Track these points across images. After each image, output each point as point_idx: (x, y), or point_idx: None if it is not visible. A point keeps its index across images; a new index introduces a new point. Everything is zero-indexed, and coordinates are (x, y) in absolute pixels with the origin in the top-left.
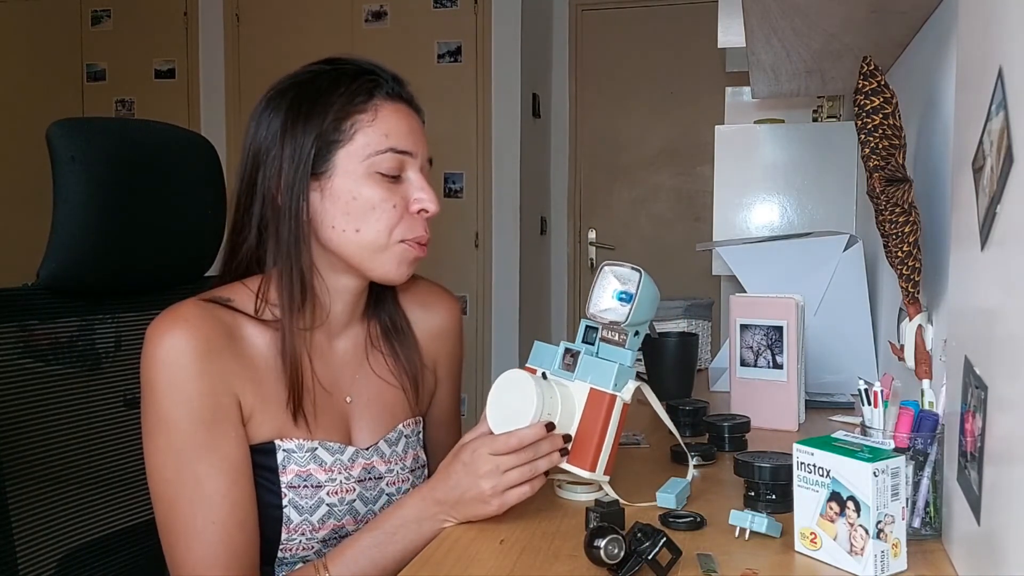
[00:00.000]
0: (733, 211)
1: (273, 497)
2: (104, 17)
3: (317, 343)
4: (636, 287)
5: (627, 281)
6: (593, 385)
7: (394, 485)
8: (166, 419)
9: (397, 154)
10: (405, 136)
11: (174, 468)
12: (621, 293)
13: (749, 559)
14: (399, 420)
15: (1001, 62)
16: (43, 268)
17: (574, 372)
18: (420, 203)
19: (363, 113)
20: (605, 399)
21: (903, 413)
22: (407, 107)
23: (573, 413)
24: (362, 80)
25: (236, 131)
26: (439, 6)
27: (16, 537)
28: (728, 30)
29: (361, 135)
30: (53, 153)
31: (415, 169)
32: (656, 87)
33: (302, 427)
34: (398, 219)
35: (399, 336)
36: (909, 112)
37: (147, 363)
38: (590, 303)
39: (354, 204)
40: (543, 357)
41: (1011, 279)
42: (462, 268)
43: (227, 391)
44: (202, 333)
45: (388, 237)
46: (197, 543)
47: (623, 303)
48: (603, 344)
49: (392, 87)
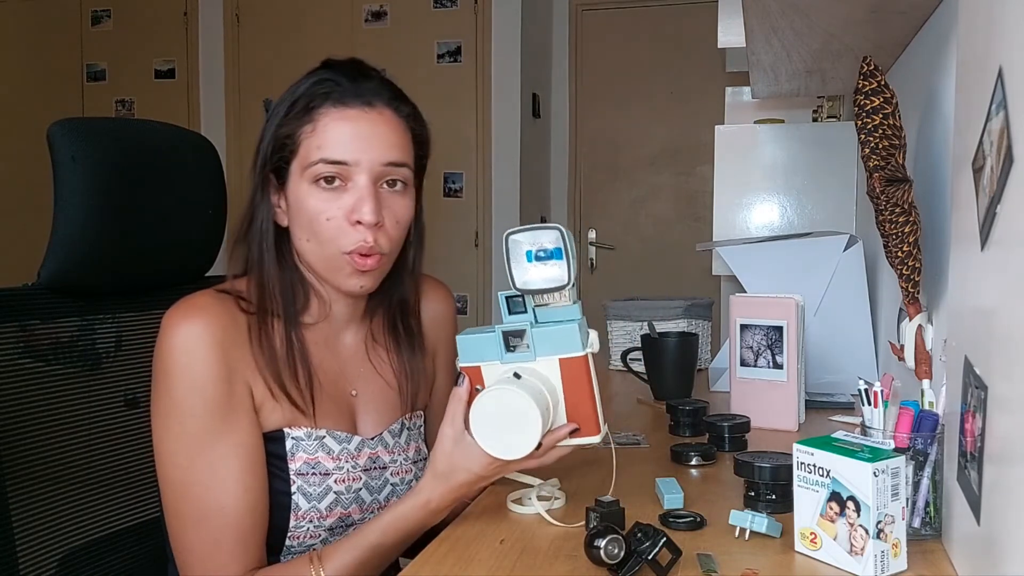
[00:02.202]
0: (733, 211)
1: (282, 484)
2: (104, 17)
3: (324, 336)
4: (564, 240)
5: (541, 241)
6: (561, 355)
7: (398, 475)
8: (180, 405)
9: (330, 164)
10: (342, 145)
11: (188, 454)
12: (541, 252)
13: (749, 559)
14: (401, 413)
15: (1001, 62)
16: (43, 268)
17: (532, 352)
18: (356, 214)
19: (306, 124)
20: (579, 363)
21: (903, 413)
22: (360, 111)
23: (555, 391)
24: (314, 90)
25: (236, 131)
26: (439, 6)
27: (17, 537)
28: (728, 30)
29: (302, 147)
30: (53, 153)
31: (362, 175)
32: (656, 87)
33: (310, 417)
34: (337, 231)
35: (408, 337)
36: (909, 112)
37: (162, 350)
38: (514, 276)
39: (302, 215)
40: (479, 349)
41: (1011, 279)
42: (462, 268)
43: (240, 379)
44: (218, 322)
45: (331, 249)
46: (206, 528)
47: (555, 262)
48: (540, 309)
49: (344, 91)
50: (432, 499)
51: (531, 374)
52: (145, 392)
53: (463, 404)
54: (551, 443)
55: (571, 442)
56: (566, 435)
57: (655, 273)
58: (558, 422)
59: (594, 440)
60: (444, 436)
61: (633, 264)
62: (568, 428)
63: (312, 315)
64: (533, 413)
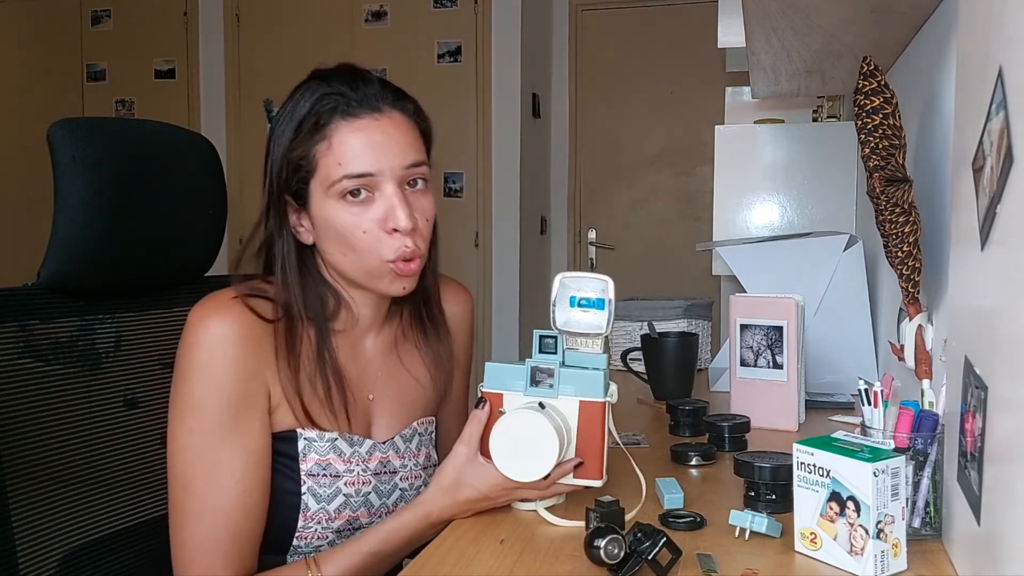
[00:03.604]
0: (733, 211)
1: (292, 484)
2: (104, 17)
3: (345, 343)
4: (608, 293)
5: (590, 289)
6: (582, 398)
7: (407, 480)
8: (197, 402)
9: (354, 179)
10: (361, 157)
11: (195, 450)
12: (584, 300)
13: (749, 559)
14: (416, 417)
15: (1001, 62)
16: (43, 268)
17: (555, 390)
18: (391, 222)
19: (320, 143)
20: (598, 408)
21: (903, 413)
22: (369, 119)
23: (571, 430)
24: (318, 106)
25: (236, 131)
26: (439, 6)
27: (17, 537)
28: (728, 30)
29: (321, 165)
30: (53, 153)
31: (388, 183)
32: (656, 87)
33: (325, 421)
34: (374, 242)
35: (434, 325)
36: (909, 112)
37: (187, 346)
38: (556, 316)
39: (332, 233)
40: (504, 378)
41: (1011, 279)
42: (462, 268)
43: (259, 379)
44: (243, 320)
45: (372, 260)
46: (202, 526)
47: (596, 310)
48: (570, 352)
49: (349, 102)
50: (433, 511)
51: (551, 409)
52: (145, 392)
53: (481, 426)
54: (558, 475)
55: (574, 481)
56: (571, 469)
57: (655, 273)
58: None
59: (595, 484)
60: (457, 453)
61: (633, 264)
62: (575, 462)
63: (340, 323)
64: (552, 439)
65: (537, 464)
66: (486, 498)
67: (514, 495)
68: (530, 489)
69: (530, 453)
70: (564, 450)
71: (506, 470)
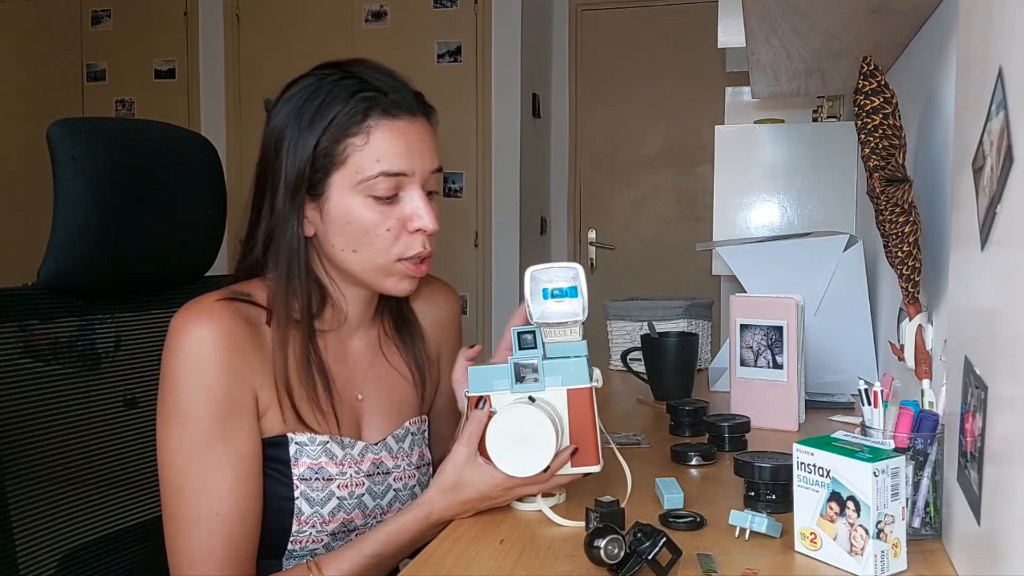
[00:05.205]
0: (733, 211)
1: (285, 489)
2: (104, 17)
3: (332, 342)
4: (579, 280)
5: (560, 279)
6: (569, 387)
7: (401, 481)
8: (184, 409)
9: (389, 177)
10: (400, 156)
11: (185, 457)
12: (557, 291)
13: (749, 559)
14: (407, 417)
15: (1001, 62)
16: (43, 268)
17: (541, 382)
18: (417, 222)
19: (355, 136)
20: (586, 394)
21: (903, 413)
22: (407, 121)
23: (562, 419)
24: (357, 99)
25: (236, 131)
26: (439, 6)
27: (16, 536)
28: (728, 30)
29: (353, 159)
30: (53, 153)
31: (414, 185)
32: (656, 87)
33: (315, 423)
34: (394, 240)
35: (407, 327)
36: (909, 112)
37: (170, 353)
38: (532, 310)
39: (349, 227)
40: (489, 379)
41: (1011, 279)
42: (462, 268)
43: (246, 385)
44: (227, 326)
45: (385, 258)
46: (197, 533)
47: (570, 299)
48: (550, 345)
49: (391, 102)
50: (433, 512)
51: (541, 402)
52: (144, 392)
53: (481, 427)
54: (557, 466)
55: (574, 470)
56: (568, 458)
57: (655, 273)
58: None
59: (594, 470)
60: (457, 453)
61: (633, 264)
62: (571, 449)
63: (326, 323)
64: (548, 429)
65: (536, 457)
66: (487, 498)
67: (515, 493)
68: (531, 484)
69: (528, 447)
70: (559, 441)
71: (506, 468)
